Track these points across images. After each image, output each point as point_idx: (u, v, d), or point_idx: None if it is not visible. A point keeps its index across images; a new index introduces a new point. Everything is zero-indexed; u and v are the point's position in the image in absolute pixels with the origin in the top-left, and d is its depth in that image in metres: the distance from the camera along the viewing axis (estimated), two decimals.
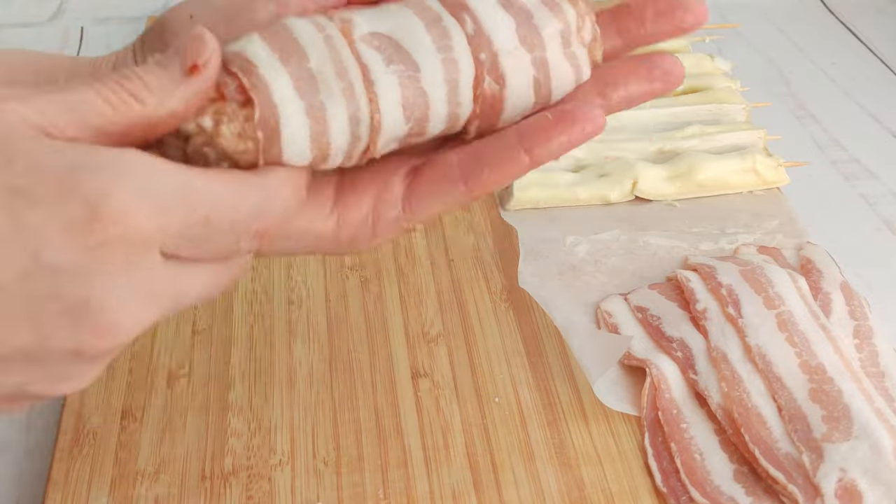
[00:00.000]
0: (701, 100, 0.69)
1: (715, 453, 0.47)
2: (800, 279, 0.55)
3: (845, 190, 0.69)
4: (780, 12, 0.91)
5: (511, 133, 0.41)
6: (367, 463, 0.48)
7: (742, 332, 0.51)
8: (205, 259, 0.36)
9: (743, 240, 0.61)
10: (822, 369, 0.49)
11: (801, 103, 0.78)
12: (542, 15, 0.42)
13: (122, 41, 0.84)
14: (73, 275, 0.32)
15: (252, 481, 0.47)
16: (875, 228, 0.66)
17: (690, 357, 0.51)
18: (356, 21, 0.39)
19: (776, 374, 0.49)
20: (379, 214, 0.42)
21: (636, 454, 0.48)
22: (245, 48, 0.37)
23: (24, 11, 0.85)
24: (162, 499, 0.46)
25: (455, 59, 0.40)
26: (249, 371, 0.52)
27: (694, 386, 0.50)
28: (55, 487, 0.46)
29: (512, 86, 0.41)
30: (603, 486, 0.47)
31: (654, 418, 0.49)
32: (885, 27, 0.89)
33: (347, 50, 0.38)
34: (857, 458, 0.45)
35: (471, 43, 0.40)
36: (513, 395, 0.51)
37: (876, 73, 0.83)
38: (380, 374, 0.52)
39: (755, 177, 0.64)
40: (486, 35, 0.40)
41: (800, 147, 0.73)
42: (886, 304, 0.58)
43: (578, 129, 0.40)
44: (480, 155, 0.41)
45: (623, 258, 0.59)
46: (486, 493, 0.46)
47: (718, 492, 0.46)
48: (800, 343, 0.51)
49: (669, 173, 0.63)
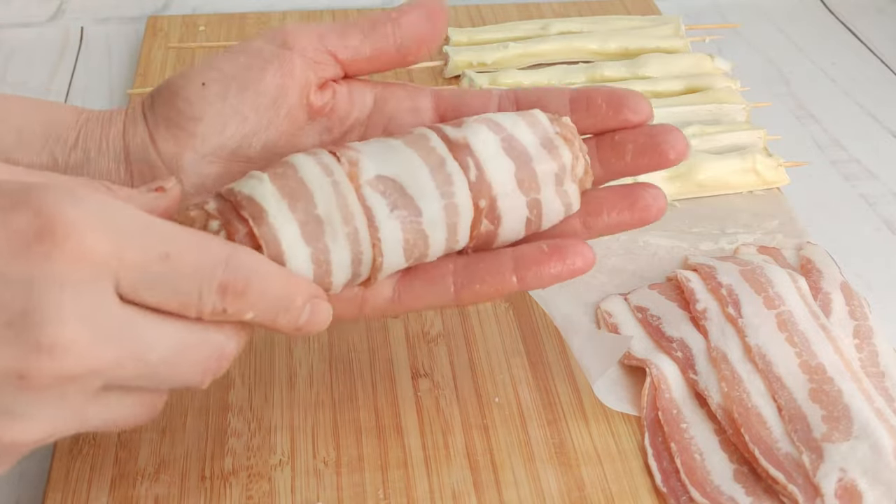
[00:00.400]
0: (701, 100, 0.69)
1: (715, 453, 0.47)
2: (800, 279, 0.55)
3: (845, 190, 0.69)
4: (780, 12, 0.91)
5: (507, 257, 0.43)
6: (367, 463, 0.48)
7: (742, 332, 0.51)
8: (168, 311, 0.34)
9: (743, 240, 0.61)
10: (822, 369, 0.49)
11: (801, 103, 0.78)
12: (540, 157, 0.43)
13: (122, 41, 0.84)
14: (16, 283, 0.30)
15: (252, 481, 0.47)
16: (875, 228, 0.66)
17: (690, 357, 0.51)
18: (363, 163, 0.41)
19: (776, 374, 0.49)
20: (368, 297, 0.42)
21: (636, 454, 0.48)
22: (255, 191, 0.38)
23: (24, 11, 0.85)
24: (162, 499, 0.46)
25: (456, 204, 0.41)
26: (249, 371, 0.52)
27: (694, 386, 0.50)
28: (55, 487, 0.46)
29: (506, 224, 0.43)
30: (603, 486, 0.47)
31: (654, 418, 0.49)
32: (885, 27, 0.89)
33: (353, 195, 0.40)
34: (857, 458, 0.45)
35: (472, 189, 0.42)
36: (513, 395, 0.51)
37: (876, 73, 0.83)
38: (380, 374, 0.52)
39: (755, 177, 0.64)
40: (487, 181, 0.42)
41: (800, 147, 0.73)
42: (886, 304, 0.58)
43: (569, 263, 0.42)
44: (475, 270, 0.43)
45: (623, 258, 0.59)
46: (486, 493, 0.46)
47: (718, 492, 0.46)
48: (800, 343, 0.51)
49: (669, 173, 0.63)
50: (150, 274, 0.33)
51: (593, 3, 0.87)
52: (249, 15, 0.86)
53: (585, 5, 0.87)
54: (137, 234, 0.32)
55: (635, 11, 0.86)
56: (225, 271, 0.34)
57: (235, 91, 0.42)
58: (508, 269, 0.42)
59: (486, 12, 0.86)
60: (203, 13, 0.86)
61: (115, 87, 0.78)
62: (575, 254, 0.42)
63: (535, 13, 0.85)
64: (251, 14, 0.86)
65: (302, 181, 0.39)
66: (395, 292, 0.43)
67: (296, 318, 0.37)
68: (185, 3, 0.87)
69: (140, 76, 0.76)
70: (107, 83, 0.79)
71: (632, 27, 0.80)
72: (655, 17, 0.82)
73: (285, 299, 0.36)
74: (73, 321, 0.31)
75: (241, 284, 0.34)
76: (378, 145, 0.42)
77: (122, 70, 0.80)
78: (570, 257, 0.42)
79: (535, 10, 0.86)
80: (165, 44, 0.80)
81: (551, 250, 0.42)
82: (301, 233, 0.38)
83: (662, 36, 0.77)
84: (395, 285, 0.43)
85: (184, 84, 0.42)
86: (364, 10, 0.86)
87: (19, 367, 0.30)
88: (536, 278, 0.42)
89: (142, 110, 0.43)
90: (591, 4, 0.87)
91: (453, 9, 0.87)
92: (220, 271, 0.34)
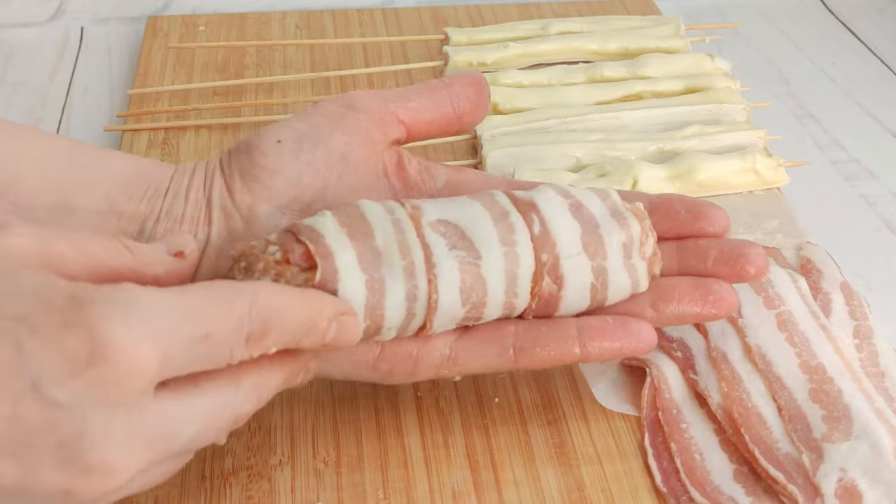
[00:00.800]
0: (701, 100, 0.69)
1: (715, 453, 0.47)
2: (800, 279, 0.55)
3: (845, 190, 0.69)
4: (780, 12, 0.91)
5: (571, 324, 0.43)
6: (367, 463, 0.48)
7: (742, 332, 0.51)
8: (200, 387, 0.35)
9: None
10: (822, 369, 0.49)
11: (801, 103, 0.78)
12: (608, 225, 0.43)
13: (122, 41, 0.84)
14: (70, 408, 0.31)
15: (252, 481, 0.47)
16: (875, 228, 0.66)
17: (690, 357, 0.51)
18: (425, 208, 0.42)
19: (776, 374, 0.49)
20: (423, 355, 0.43)
21: (636, 454, 0.48)
22: (316, 222, 0.40)
23: (24, 11, 0.85)
24: (162, 499, 0.46)
25: (517, 253, 0.41)
26: None
27: (694, 386, 0.50)
28: None
29: (569, 287, 0.42)
30: (603, 486, 0.47)
31: (654, 418, 0.49)
32: (885, 27, 0.89)
33: (413, 233, 0.40)
34: (857, 458, 0.45)
35: (534, 241, 0.42)
36: (513, 395, 0.51)
37: (876, 73, 0.83)
38: None
39: (755, 177, 0.64)
40: (551, 237, 0.42)
41: (800, 147, 0.73)
42: (886, 304, 0.58)
43: (634, 340, 0.43)
44: (537, 333, 0.43)
45: None
46: (486, 493, 0.46)
47: (718, 492, 0.46)
48: (800, 343, 0.51)
49: (669, 173, 0.63)
50: (190, 357, 0.34)
51: (593, 3, 0.87)
52: (249, 15, 0.85)
53: (585, 5, 0.87)
54: (177, 327, 0.33)
55: (635, 11, 0.86)
56: (249, 323, 0.35)
57: (308, 147, 0.45)
58: (571, 337, 0.42)
59: (486, 12, 0.86)
60: (203, 13, 0.86)
61: (115, 87, 0.78)
62: (639, 332, 0.43)
63: (535, 13, 0.85)
64: (251, 14, 0.86)
65: (363, 216, 0.40)
66: (452, 350, 0.43)
67: (320, 338, 0.37)
68: (185, 3, 0.87)
69: (140, 76, 0.76)
70: (107, 83, 0.79)
71: (632, 27, 0.80)
72: (655, 17, 0.82)
73: (307, 324, 0.37)
74: (121, 441, 0.32)
75: (262, 330, 0.35)
76: (443, 200, 0.43)
77: (122, 70, 0.80)
78: (634, 335, 0.43)
79: (535, 10, 0.86)
80: (165, 44, 0.80)
81: (616, 324, 0.43)
82: (358, 260, 0.39)
83: (662, 36, 0.77)
84: (452, 343, 0.43)
85: (259, 141, 0.45)
86: (364, 10, 0.86)
87: (68, 487, 0.32)
88: (598, 351, 0.43)
89: (219, 164, 0.46)
90: (591, 4, 0.87)
91: (453, 9, 0.87)
92: (246, 325, 0.35)
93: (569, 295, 0.42)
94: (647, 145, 0.65)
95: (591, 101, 0.71)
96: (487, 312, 0.42)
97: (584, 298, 0.43)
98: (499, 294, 0.41)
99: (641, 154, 0.65)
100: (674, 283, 0.45)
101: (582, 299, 0.43)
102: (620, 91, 0.71)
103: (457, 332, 0.43)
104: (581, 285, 0.42)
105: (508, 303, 0.41)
